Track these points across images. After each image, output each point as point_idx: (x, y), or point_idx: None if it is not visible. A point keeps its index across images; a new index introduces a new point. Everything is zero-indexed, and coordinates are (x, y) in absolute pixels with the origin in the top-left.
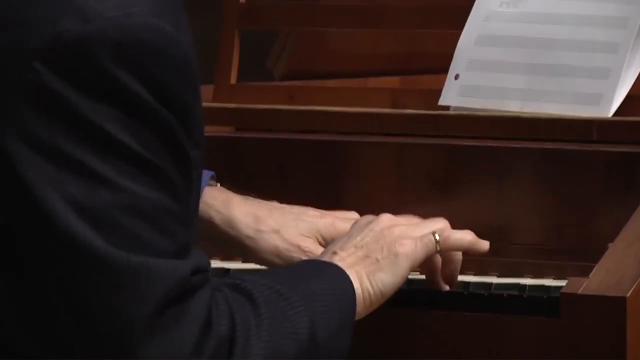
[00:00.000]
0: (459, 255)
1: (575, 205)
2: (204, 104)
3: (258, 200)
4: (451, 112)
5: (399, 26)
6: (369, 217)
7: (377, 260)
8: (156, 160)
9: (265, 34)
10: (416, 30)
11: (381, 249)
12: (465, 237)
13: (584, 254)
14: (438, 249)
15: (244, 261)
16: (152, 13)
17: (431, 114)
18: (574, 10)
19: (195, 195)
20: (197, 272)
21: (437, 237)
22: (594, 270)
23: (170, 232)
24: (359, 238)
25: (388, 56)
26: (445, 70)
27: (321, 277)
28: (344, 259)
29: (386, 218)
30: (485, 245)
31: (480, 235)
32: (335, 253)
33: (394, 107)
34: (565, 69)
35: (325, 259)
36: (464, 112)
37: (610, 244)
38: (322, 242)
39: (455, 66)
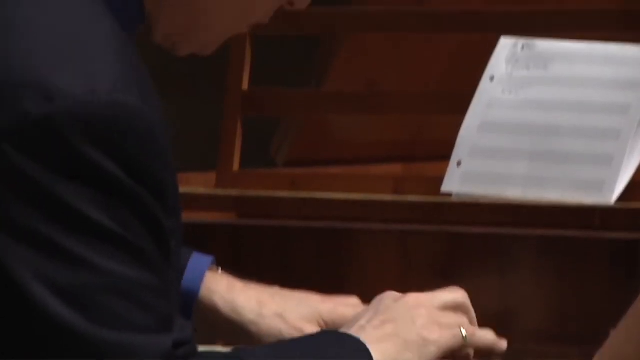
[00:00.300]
0: (472, 350)
1: (578, 291)
2: (207, 191)
3: (260, 285)
4: (453, 199)
5: (401, 112)
6: (394, 294)
7: (406, 341)
8: (131, 236)
9: (267, 121)
10: (418, 116)
11: (410, 330)
12: (488, 335)
13: (586, 340)
14: (464, 343)
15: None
16: (115, 88)
17: (433, 201)
18: (576, 97)
19: (174, 265)
20: (181, 345)
21: (465, 333)
22: (596, 356)
23: (150, 306)
24: (387, 314)
25: (390, 143)
26: (447, 156)
27: (342, 353)
28: (371, 334)
29: (413, 298)
30: (504, 345)
31: (484, 321)
32: (362, 327)
33: (396, 193)
34: (567, 155)
35: (352, 332)
36: (466, 199)
37: (612, 330)
38: (324, 326)
39: (458, 153)
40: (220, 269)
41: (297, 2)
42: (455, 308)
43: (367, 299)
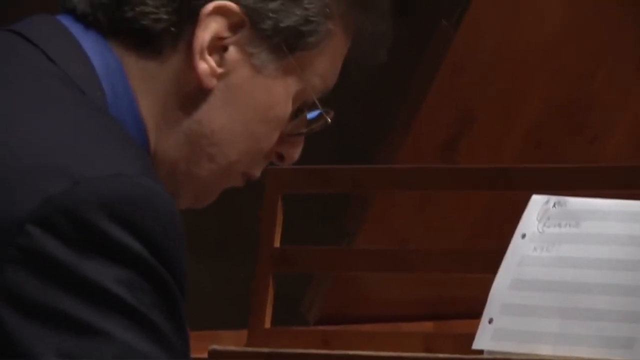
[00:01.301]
0: None
1: None
2: (238, 349)
3: None
4: (485, 356)
5: (432, 271)
6: None
7: None
8: (151, 314)
9: (298, 278)
10: (449, 274)
11: None
12: None
13: None
14: None
15: None
16: (137, 171)
17: (464, 359)
18: (606, 255)
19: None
20: None
21: None
22: None
23: None
24: None
25: (421, 300)
26: (478, 314)
27: None
28: None
29: None
30: None
31: None
32: None
33: (427, 351)
34: (598, 312)
35: None
36: (498, 357)
37: None
38: None
39: (489, 310)
40: None
41: (287, 157)
42: None
43: None
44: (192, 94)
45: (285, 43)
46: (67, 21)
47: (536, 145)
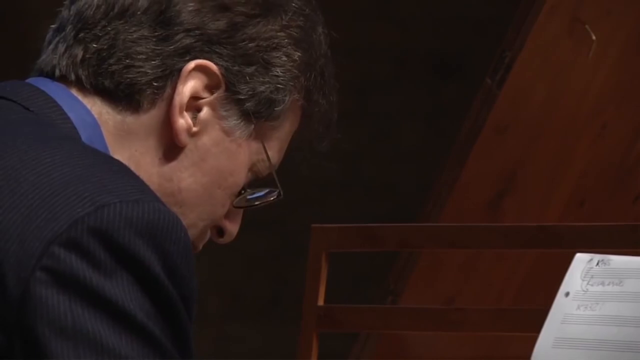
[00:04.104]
0: None
1: None
2: None
3: None
4: None
5: (477, 330)
6: None
7: None
8: (164, 339)
9: (344, 336)
10: (495, 333)
11: None
12: None
13: None
14: None
15: None
16: (158, 199)
17: None
18: None
19: None
20: None
21: None
22: None
23: None
24: None
25: (466, 359)
26: None
27: None
28: None
29: None
30: None
31: None
32: None
33: None
34: None
35: None
36: None
37: None
38: None
39: None
40: None
41: (227, 234)
42: None
43: None
44: (165, 151)
45: (254, 109)
46: (39, 83)
47: (580, 204)
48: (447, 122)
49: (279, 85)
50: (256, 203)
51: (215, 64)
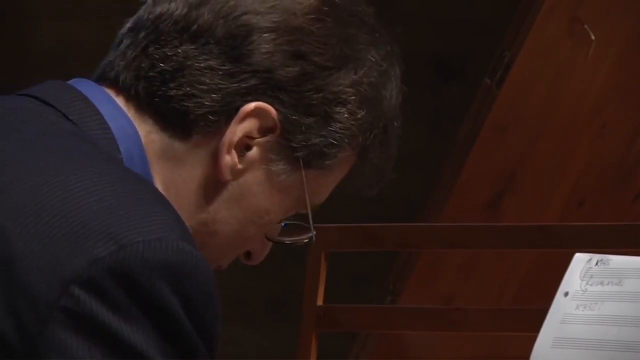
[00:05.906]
0: None
1: None
2: None
3: None
4: None
5: (476, 329)
6: None
7: None
8: None
9: (343, 335)
10: (494, 333)
11: None
12: None
13: None
14: None
15: None
16: (181, 237)
17: None
18: None
19: None
20: None
21: None
22: None
23: None
24: None
25: (465, 359)
26: None
27: None
28: None
29: None
30: None
31: None
32: None
33: None
34: None
35: None
36: None
37: None
38: None
39: None
40: None
41: (254, 258)
42: None
43: None
44: (208, 182)
45: (304, 158)
46: (82, 86)
47: (579, 203)
48: (449, 124)
49: (333, 141)
50: (287, 242)
51: (276, 109)
